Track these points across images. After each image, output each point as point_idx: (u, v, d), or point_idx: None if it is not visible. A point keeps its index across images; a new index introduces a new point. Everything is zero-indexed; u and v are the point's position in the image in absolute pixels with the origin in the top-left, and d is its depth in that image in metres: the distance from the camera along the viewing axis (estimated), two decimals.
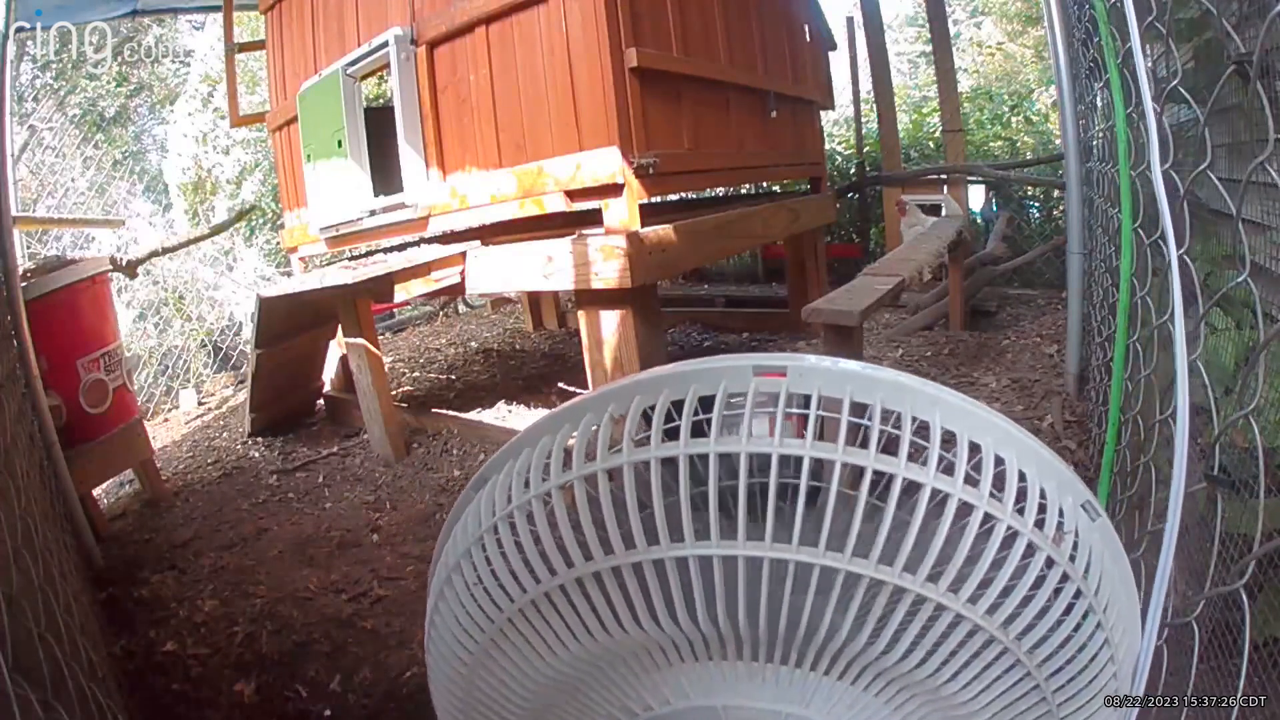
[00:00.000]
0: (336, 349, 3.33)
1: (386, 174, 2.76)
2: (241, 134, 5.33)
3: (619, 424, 0.55)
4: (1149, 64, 1.15)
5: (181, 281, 4.99)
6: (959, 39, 8.62)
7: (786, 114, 3.34)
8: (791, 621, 0.52)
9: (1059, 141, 3.35)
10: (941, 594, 0.49)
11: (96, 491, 2.51)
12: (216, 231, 4.38)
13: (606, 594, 0.55)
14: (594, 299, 2.28)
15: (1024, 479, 0.51)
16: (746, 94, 2.99)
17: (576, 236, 2.22)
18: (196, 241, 4.44)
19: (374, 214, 2.78)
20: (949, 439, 0.51)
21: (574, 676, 0.60)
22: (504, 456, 0.61)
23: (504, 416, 2.94)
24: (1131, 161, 1.39)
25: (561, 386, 3.25)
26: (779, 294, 4.42)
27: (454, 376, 3.80)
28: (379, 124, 2.83)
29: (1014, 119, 6.28)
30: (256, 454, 3.00)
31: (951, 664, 0.52)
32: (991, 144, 5.87)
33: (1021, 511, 0.50)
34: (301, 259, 3.57)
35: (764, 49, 3.15)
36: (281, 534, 2.20)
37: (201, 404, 4.15)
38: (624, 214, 2.18)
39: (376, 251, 3.25)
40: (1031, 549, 0.49)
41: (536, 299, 4.68)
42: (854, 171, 5.30)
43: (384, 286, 2.44)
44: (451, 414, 2.91)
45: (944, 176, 4.56)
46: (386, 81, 3.76)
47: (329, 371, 3.46)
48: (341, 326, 2.87)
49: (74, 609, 1.23)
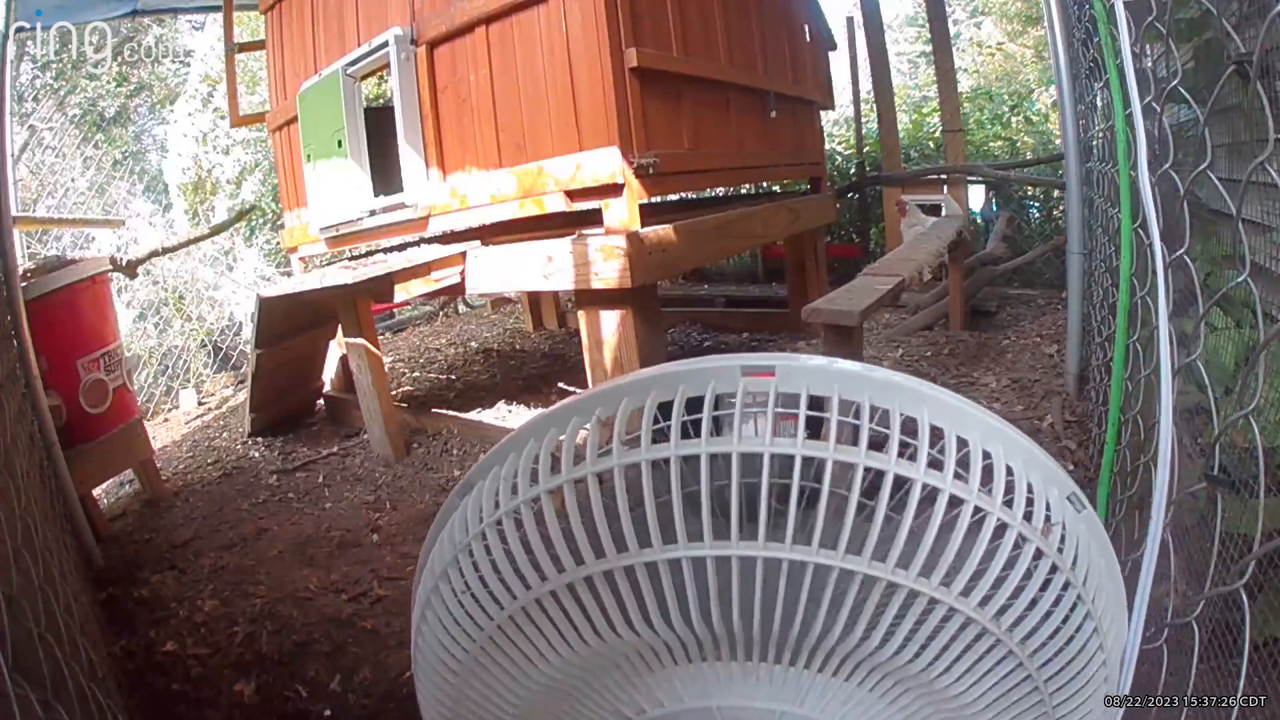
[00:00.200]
0: (336, 349, 3.33)
1: (386, 174, 2.76)
2: (241, 134, 5.34)
3: (607, 426, 0.55)
4: (1149, 64, 1.15)
5: (181, 281, 4.99)
6: (959, 39, 8.62)
7: (786, 114, 3.34)
8: (785, 621, 0.52)
9: (1059, 141, 3.35)
10: (934, 588, 0.49)
11: (96, 491, 2.50)
12: (216, 231, 4.38)
13: (599, 598, 0.54)
14: (594, 299, 2.28)
15: (1011, 473, 0.51)
16: (746, 94, 2.99)
17: (576, 236, 2.22)
18: (196, 241, 4.44)
19: (374, 214, 2.78)
20: (939, 436, 0.51)
21: (566, 682, 0.59)
22: (489, 463, 0.60)
23: (504, 416, 2.94)
24: (1131, 161, 1.39)
25: (561, 386, 3.25)
26: (779, 294, 4.42)
27: (454, 376, 3.80)
28: (379, 124, 2.83)
29: (1014, 119, 6.28)
30: (256, 454, 3.00)
31: (945, 657, 0.52)
32: (991, 144, 5.87)
33: (1010, 504, 0.50)
34: (301, 259, 3.57)
35: (764, 49, 3.15)
36: (281, 534, 2.20)
37: (201, 404, 4.15)
38: (624, 214, 2.18)
39: (376, 251, 3.25)
40: (1021, 541, 0.50)
41: (536, 299, 4.68)
42: (854, 171, 5.30)
43: (384, 286, 2.44)
44: (451, 414, 2.91)
45: (944, 176, 4.56)
46: (386, 81, 3.76)
47: (329, 371, 3.46)
48: (341, 326, 2.87)
49: (74, 609, 1.23)
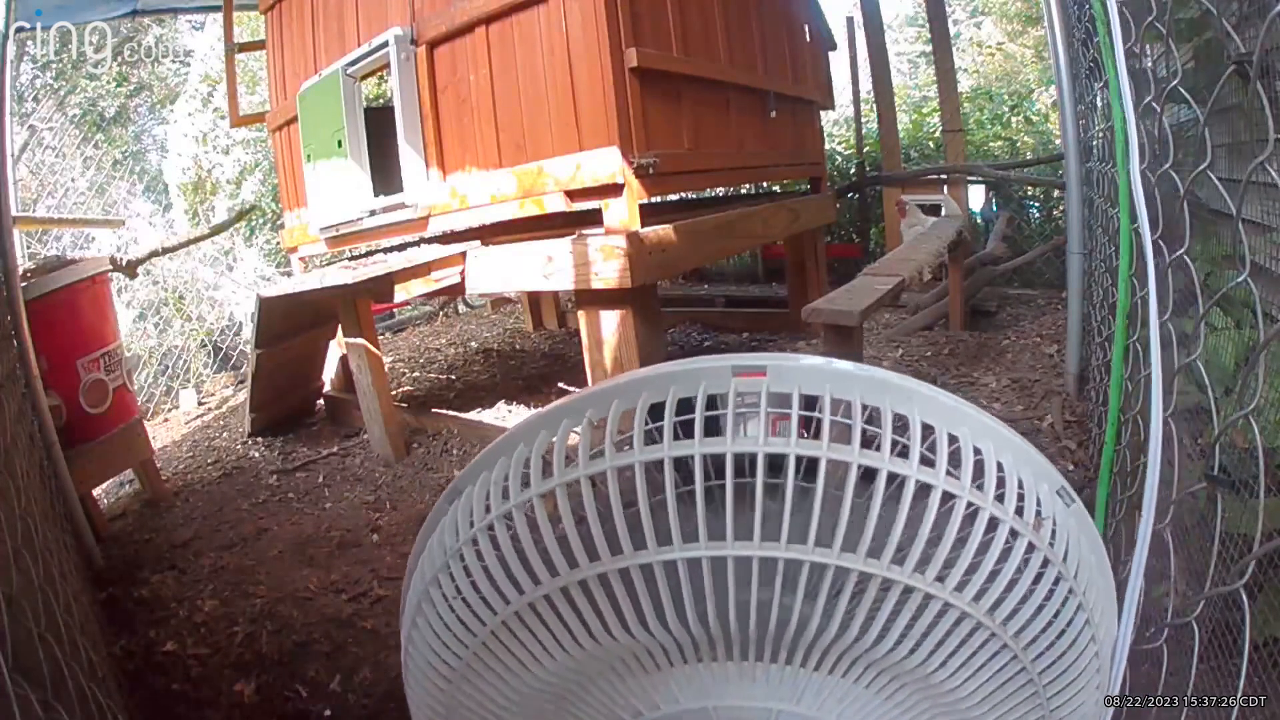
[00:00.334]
0: (336, 349, 3.33)
1: (386, 174, 2.76)
2: (241, 134, 5.34)
3: (599, 429, 0.55)
4: (1149, 64, 1.15)
5: (181, 281, 4.99)
6: (959, 39, 8.62)
7: (786, 114, 3.34)
8: (781, 619, 0.52)
9: (1059, 141, 3.35)
10: (929, 583, 0.49)
11: (96, 491, 2.50)
12: (216, 231, 4.38)
13: (594, 601, 0.54)
14: (594, 299, 2.28)
15: (1002, 469, 0.52)
16: (746, 94, 2.99)
17: (576, 236, 2.22)
18: (196, 241, 4.44)
19: (374, 214, 2.78)
20: (930, 434, 0.52)
21: (561, 686, 0.59)
22: (478, 467, 0.59)
23: (504, 416, 2.94)
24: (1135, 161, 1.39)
25: (561, 386, 3.25)
26: (779, 294, 4.42)
27: (454, 376, 3.80)
28: (379, 124, 2.83)
29: (1014, 119, 6.28)
30: (256, 454, 3.00)
31: (940, 652, 0.52)
32: (991, 144, 5.87)
33: (1001, 499, 0.50)
34: (301, 259, 3.57)
35: (764, 49, 3.15)
36: (281, 534, 2.20)
37: (201, 404, 4.15)
38: (624, 214, 2.18)
39: (376, 251, 3.25)
40: (1013, 536, 0.50)
41: (536, 299, 4.68)
42: (854, 171, 5.30)
43: (384, 286, 2.44)
44: (451, 414, 2.91)
45: (944, 176, 4.56)
46: (386, 81, 3.76)
47: (329, 371, 3.46)
48: (341, 326, 2.87)
49: (74, 609, 1.23)
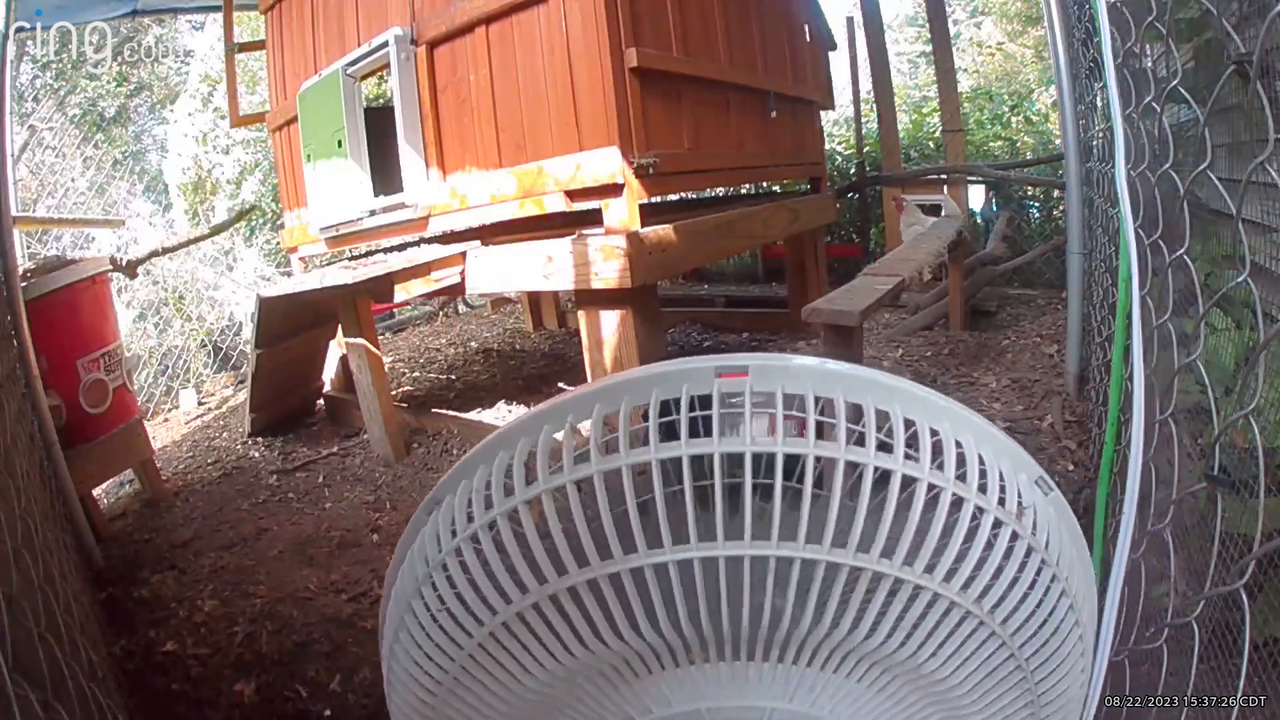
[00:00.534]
0: (336, 349, 3.33)
1: (386, 174, 2.76)
2: (241, 134, 5.34)
3: (578, 433, 0.54)
4: (1149, 64, 1.15)
5: (181, 281, 4.99)
6: (959, 39, 8.62)
7: (786, 114, 3.34)
8: (774, 618, 0.53)
9: (1059, 141, 3.36)
10: (918, 575, 0.50)
11: (96, 491, 2.50)
12: (216, 231, 4.38)
13: (584, 607, 0.53)
14: (594, 299, 2.28)
15: (983, 461, 0.53)
16: (746, 94, 2.99)
17: (576, 236, 2.22)
18: (196, 241, 4.44)
19: (374, 214, 2.78)
20: (913, 429, 0.53)
21: (551, 695, 0.58)
22: (457, 475, 0.58)
23: (504, 416, 2.94)
24: (1131, 162, 1.39)
25: (561, 386, 3.25)
26: (779, 294, 4.42)
27: (454, 376, 3.80)
28: (379, 124, 2.83)
29: (1014, 119, 6.28)
30: (256, 454, 3.00)
31: (930, 643, 0.53)
32: (991, 144, 5.87)
33: (984, 490, 0.52)
34: (301, 259, 3.57)
35: (764, 49, 3.15)
36: (281, 534, 2.20)
37: (201, 404, 4.15)
38: (624, 214, 2.18)
39: (376, 251, 3.25)
40: (997, 525, 0.51)
41: (536, 299, 4.68)
42: (854, 171, 5.30)
43: (384, 286, 2.44)
44: (451, 414, 2.91)
45: (944, 176, 4.56)
46: (386, 81, 3.76)
47: (329, 371, 3.46)
48: (341, 326, 2.87)
49: (74, 609, 1.23)
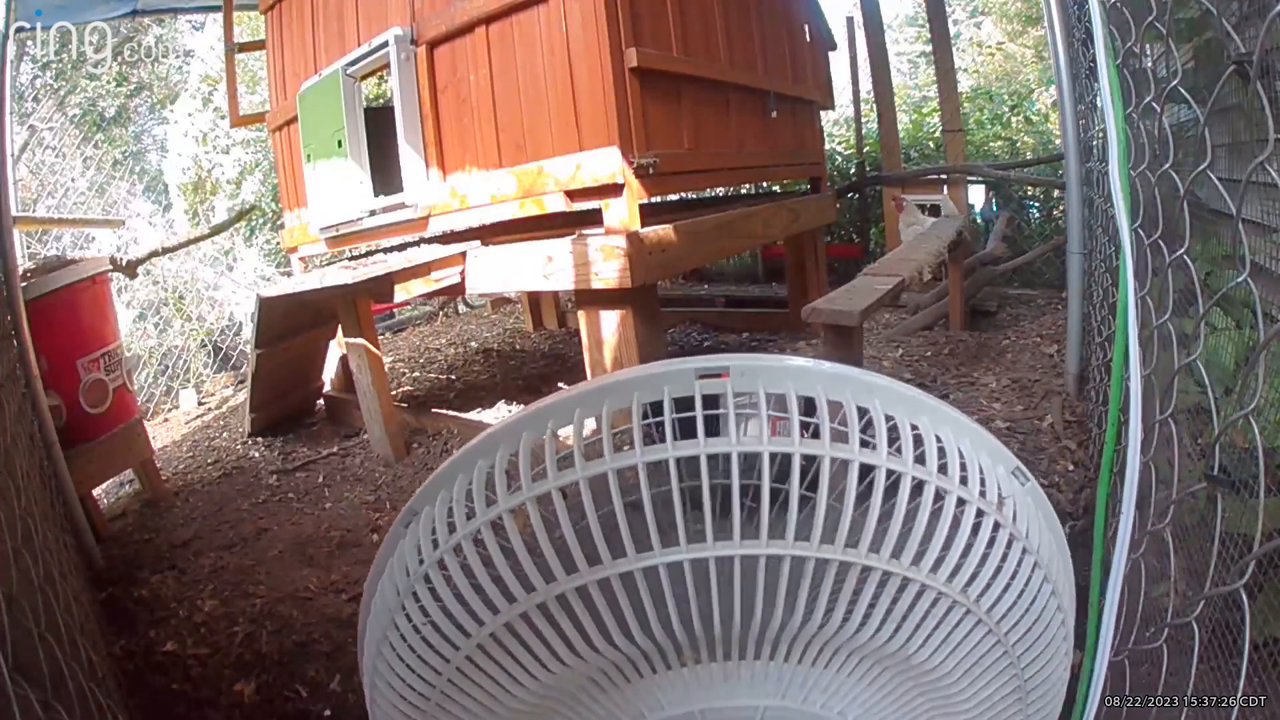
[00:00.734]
0: (336, 349, 3.33)
1: (386, 174, 2.76)
2: (241, 134, 5.34)
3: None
4: (1149, 64, 1.15)
5: (181, 281, 4.99)
6: (959, 39, 8.63)
7: (786, 114, 3.34)
8: (765, 616, 0.53)
9: (1059, 141, 3.35)
10: (905, 567, 0.51)
11: (96, 491, 2.50)
12: (216, 231, 4.38)
13: (573, 614, 0.52)
14: (594, 299, 2.28)
15: (962, 454, 0.54)
16: (746, 94, 2.99)
17: (576, 236, 2.22)
18: (196, 241, 4.44)
19: (374, 214, 2.78)
20: (894, 425, 0.54)
21: (542, 707, 0.58)
22: (435, 485, 0.57)
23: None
24: (1130, 162, 1.39)
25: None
26: (779, 294, 4.41)
27: (454, 376, 3.80)
28: (379, 124, 2.83)
29: (1014, 119, 6.28)
30: (256, 454, 3.00)
31: (919, 634, 0.54)
32: (991, 144, 5.87)
33: (965, 482, 0.52)
34: (301, 259, 3.57)
35: (764, 49, 3.15)
36: (281, 534, 2.20)
37: (201, 404, 4.15)
38: (624, 214, 2.18)
39: (376, 251, 3.25)
40: (979, 516, 0.52)
41: (536, 299, 4.67)
42: (854, 171, 5.30)
43: (384, 286, 2.44)
44: (451, 414, 2.91)
45: (944, 176, 4.56)
46: (386, 81, 3.76)
47: (329, 371, 3.46)
48: (341, 326, 2.87)
49: (74, 609, 1.23)
